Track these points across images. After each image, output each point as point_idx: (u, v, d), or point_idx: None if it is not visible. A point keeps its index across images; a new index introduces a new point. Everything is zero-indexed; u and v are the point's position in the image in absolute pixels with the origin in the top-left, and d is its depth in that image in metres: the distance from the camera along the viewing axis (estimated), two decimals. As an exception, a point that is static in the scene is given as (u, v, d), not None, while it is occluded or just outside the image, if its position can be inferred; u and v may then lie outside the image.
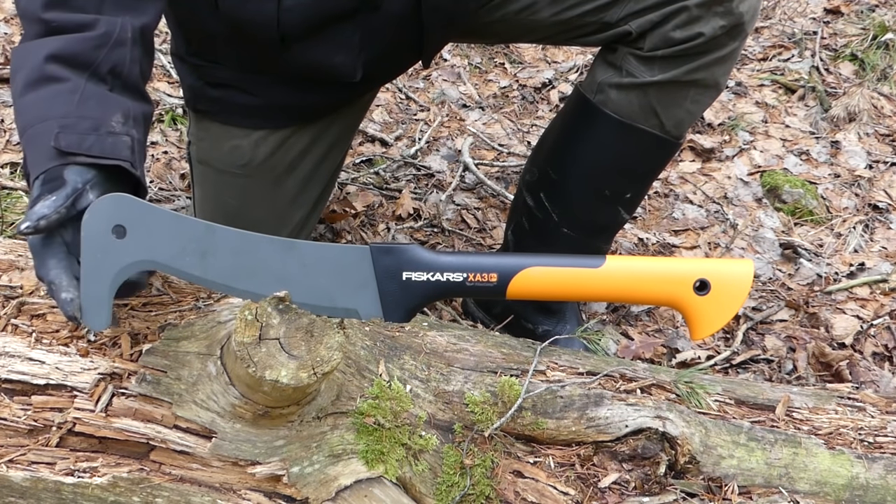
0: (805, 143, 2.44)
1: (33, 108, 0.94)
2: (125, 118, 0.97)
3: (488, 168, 2.27)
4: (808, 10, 2.97)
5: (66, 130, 0.91)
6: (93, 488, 0.92)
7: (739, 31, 1.34)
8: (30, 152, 0.93)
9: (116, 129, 0.95)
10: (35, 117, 0.93)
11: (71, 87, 0.95)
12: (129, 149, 0.95)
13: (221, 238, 0.89)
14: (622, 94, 1.39)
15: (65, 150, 0.90)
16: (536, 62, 2.76)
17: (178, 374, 0.92)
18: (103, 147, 0.93)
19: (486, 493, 1.03)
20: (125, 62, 0.99)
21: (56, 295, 0.88)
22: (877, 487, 1.10)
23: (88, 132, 0.92)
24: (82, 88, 0.95)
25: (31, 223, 0.86)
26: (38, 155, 0.92)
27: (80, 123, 0.93)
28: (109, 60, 0.98)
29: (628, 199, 1.53)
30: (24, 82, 0.95)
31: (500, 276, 0.91)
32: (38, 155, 0.92)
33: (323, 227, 1.96)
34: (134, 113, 0.99)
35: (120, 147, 0.94)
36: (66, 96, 0.94)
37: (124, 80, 0.99)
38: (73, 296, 0.87)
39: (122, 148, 0.94)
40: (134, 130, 0.97)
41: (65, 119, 0.92)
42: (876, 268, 2.01)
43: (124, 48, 0.99)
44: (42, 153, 0.91)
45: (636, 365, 1.21)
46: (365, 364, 1.04)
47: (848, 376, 1.71)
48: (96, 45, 0.97)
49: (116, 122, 0.95)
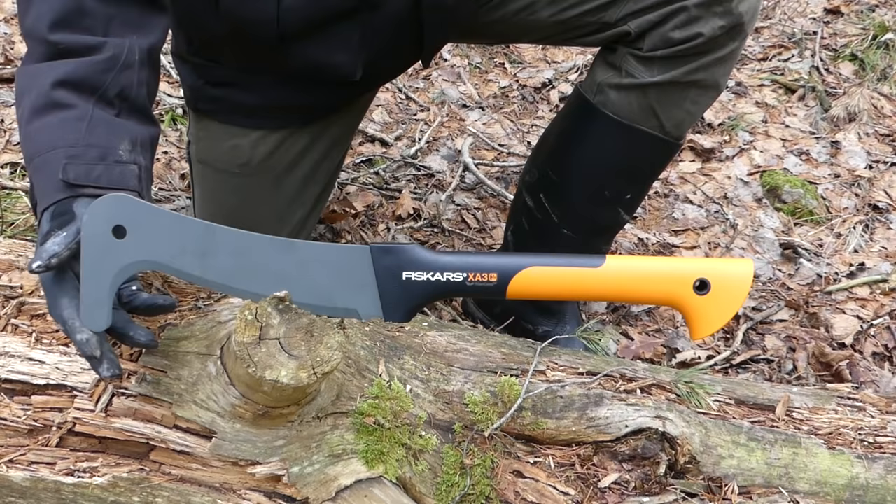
0: (805, 143, 2.44)
1: (41, 136, 0.95)
2: (132, 145, 0.97)
3: (488, 168, 2.27)
4: (808, 10, 2.97)
5: (73, 161, 0.92)
6: (93, 488, 0.92)
7: (739, 31, 1.33)
8: (38, 181, 0.94)
9: (124, 158, 0.96)
10: (43, 145, 0.94)
11: (78, 115, 0.95)
12: (136, 177, 0.96)
13: (221, 238, 0.89)
14: (622, 94, 1.38)
15: (73, 182, 0.91)
16: (536, 62, 2.76)
17: (178, 374, 0.92)
18: (111, 177, 0.93)
19: (486, 493, 1.03)
20: (133, 85, 1.00)
21: (72, 335, 0.88)
22: (877, 487, 1.10)
23: (96, 162, 0.93)
24: (90, 115, 0.95)
25: (43, 262, 0.86)
26: (46, 185, 0.92)
27: (87, 152, 0.93)
28: (118, 84, 0.98)
29: (628, 199, 1.53)
30: (31, 108, 0.96)
31: (500, 276, 0.91)
32: (47, 185, 0.92)
33: (323, 227, 1.96)
34: (142, 139, 0.99)
35: (128, 176, 0.95)
36: (73, 124, 0.94)
37: (132, 102, 1.00)
38: (87, 336, 0.87)
39: (129, 177, 0.95)
40: (141, 157, 0.98)
41: (73, 148, 0.93)
42: (876, 268, 2.01)
43: (132, 70, 1.00)
44: (50, 184, 0.92)
45: (636, 365, 1.21)
46: (365, 364, 1.04)
47: (848, 376, 1.71)
48: (104, 68, 0.97)
49: (124, 149, 0.96)
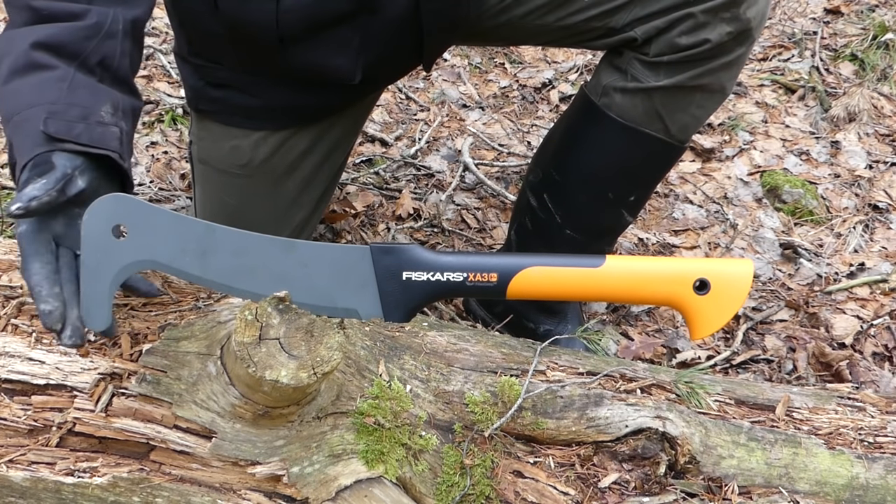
0: (805, 143, 2.44)
1: (20, 95, 0.92)
2: (114, 109, 0.95)
3: (488, 168, 2.27)
4: (808, 10, 2.97)
5: (54, 117, 0.90)
6: (93, 488, 0.92)
7: (746, 36, 1.32)
8: (17, 138, 0.92)
9: (105, 120, 0.94)
10: (22, 103, 0.92)
11: (60, 76, 0.93)
12: (117, 140, 0.94)
13: (221, 238, 0.89)
14: (627, 98, 1.38)
15: (53, 135, 0.89)
16: (536, 62, 2.76)
17: (178, 374, 0.92)
18: (92, 136, 0.91)
19: (486, 493, 1.03)
20: (115, 55, 0.98)
21: (37, 303, 0.86)
22: (877, 487, 1.10)
23: (77, 120, 0.91)
24: (71, 77, 0.93)
25: (23, 204, 0.84)
26: (25, 140, 0.90)
27: (69, 111, 0.91)
28: (99, 52, 0.97)
29: (632, 202, 1.53)
30: (10, 69, 0.94)
31: (500, 276, 0.91)
32: (26, 140, 0.90)
33: (323, 227, 1.96)
34: (123, 105, 0.97)
35: (108, 137, 0.93)
36: (54, 83, 0.93)
37: (113, 72, 0.98)
38: (52, 307, 0.85)
39: (110, 138, 0.93)
40: (123, 123, 0.96)
41: (53, 105, 0.91)
42: (876, 268, 2.01)
43: (115, 40, 0.98)
44: (30, 138, 0.90)
45: (636, 365, 1.21)
46: (365, 364, 1.04)
47: (848, 376, 1.71)
48: (86, 35, 0.96)
49: (105, 112, 0.94)
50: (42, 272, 0.86)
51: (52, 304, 0.85)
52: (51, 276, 0.86)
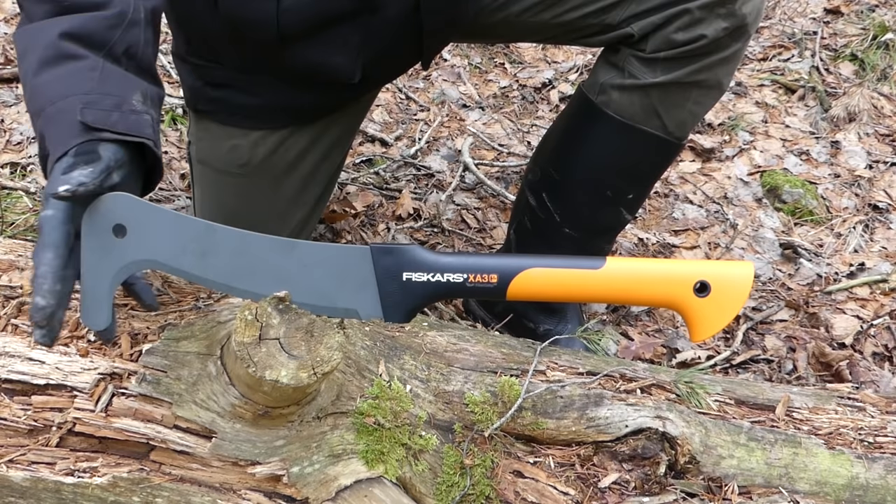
0: (805, 143, 2.44)
1: (53, 86, 0.92)
2: (144, 98, 0.96)
3: (488, 168, 2.27)
4: (808, 10, 2.97)
5: (90, 106, 0.90)
6: (93, 488, 0.92)
7: (742, 32, 1.33)
8: (50, 130, 0.91)
9: (138, 108, 0.94)
10: (55, 94, 0.91)
11: (90, 65, 0.93)
12: (150, 127, 0.94)
13: (221, 238, 0.89)
14: (624, 95, 1.38)
15: (91, 125, 0.89)
16: (536, 62, 2.75)
17: (178, 374, 0.92)
18: (128, 124, 0.91)
19: (486, 493, 1.03)
20: (139, 43, 0.98)
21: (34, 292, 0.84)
22: (877, 487, 1.10)
23: (112, 109, 0.91)
24: (101, 66, 0.93)
25: (71, 187, 0.83)
26: (61, 132, 0.90)
27: (103, 100, 0.91)
28: (124, 41, 0.96)
29: (630, 199, 1.53)
30: (39, 61, 0.93)
31: (500, 277, 0.91)
32: (62, 132, 0.89)
33: (323, 227, 1.96)
34: (150, 94, 0.98)
35: (143, 125, 0.93)
36: (86, 73, 0.92)
37: (138, 61, 0.98)
38: (46, 304, 0.83)
39: (145, 126, 0.93)
40: (153, 111, 0.97)
41: (87, 96, 0.90)
42: (876, 268, 2.01)
43: (138, 29, 0.98)
44: (67, 129, 0.89)
45: (636, 365, 1.21)
46: (365, 364, 1.04)
47: (848, 376, 1.71)
48: (111, 24, 0.96)
49: (136, 100, 0.94)
50: (52, 264, 0.85)
51: (47, 301, 0.84)
52: (58, 272, 0.85)
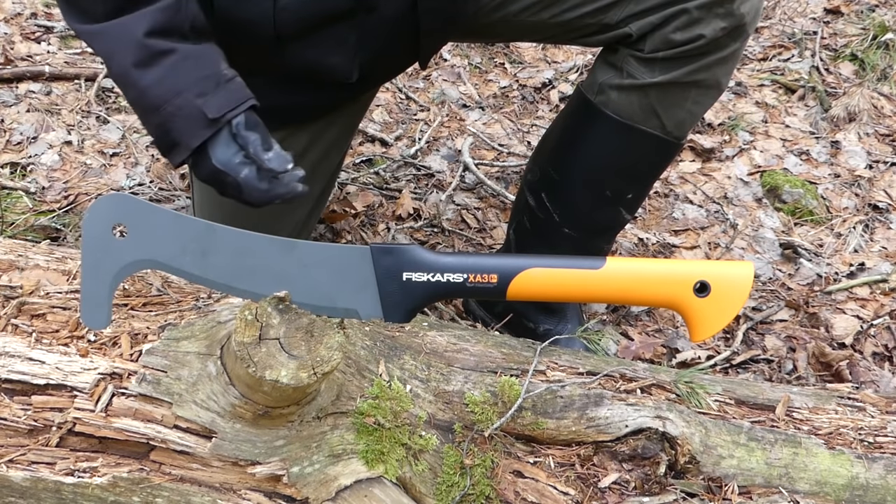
0: (805, 143, 2.44)
1: (161, 85, 1.04)
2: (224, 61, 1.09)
3: (488, 168, 2.26)
4: (808, 10, 2.96)
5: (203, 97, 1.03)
6: (93, 488, 0.92)
7: (741, 32, 1.33)
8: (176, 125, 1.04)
9: (229, 75, 1.07)
10: (167, 92, 1.03)
11: (182, 55, 1.05)
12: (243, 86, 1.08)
13: (221, 238, 0.89)
14: (623, 94, 1.38)
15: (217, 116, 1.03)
16: (536, 62, 2.75)
17: (178, 374, 0.92)
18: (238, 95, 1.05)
19: (486, 493, 1.03)
20: (196, 13, 1.09)
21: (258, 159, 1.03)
22: (877, 487, 1.10)
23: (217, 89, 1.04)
24: (189, 53, 1.05)
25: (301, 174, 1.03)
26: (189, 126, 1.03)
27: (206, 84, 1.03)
28: (188, 18, 1.08)
29: (629, 199, 1.53)
30: (135, 63, 1.04)
31: (500, 277, 0.91)
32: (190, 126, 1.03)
33: (323, 227, 1.96)
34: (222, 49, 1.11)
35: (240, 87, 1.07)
36: (182, 64, 1.04)
37: (200, 30, 1.09)
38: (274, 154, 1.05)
39: (241, 88, 1.07)
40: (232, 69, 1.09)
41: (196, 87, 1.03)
42: (876, 268, 2.01)
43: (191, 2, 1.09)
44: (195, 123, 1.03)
45: (636, 365, 1.21)
46: (365, 364, 1.04)
47: (848, 376, 1.70)
48: (175, 10, 1.06)
49: (224, 68, 1.07)
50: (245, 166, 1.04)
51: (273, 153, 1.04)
52: None
